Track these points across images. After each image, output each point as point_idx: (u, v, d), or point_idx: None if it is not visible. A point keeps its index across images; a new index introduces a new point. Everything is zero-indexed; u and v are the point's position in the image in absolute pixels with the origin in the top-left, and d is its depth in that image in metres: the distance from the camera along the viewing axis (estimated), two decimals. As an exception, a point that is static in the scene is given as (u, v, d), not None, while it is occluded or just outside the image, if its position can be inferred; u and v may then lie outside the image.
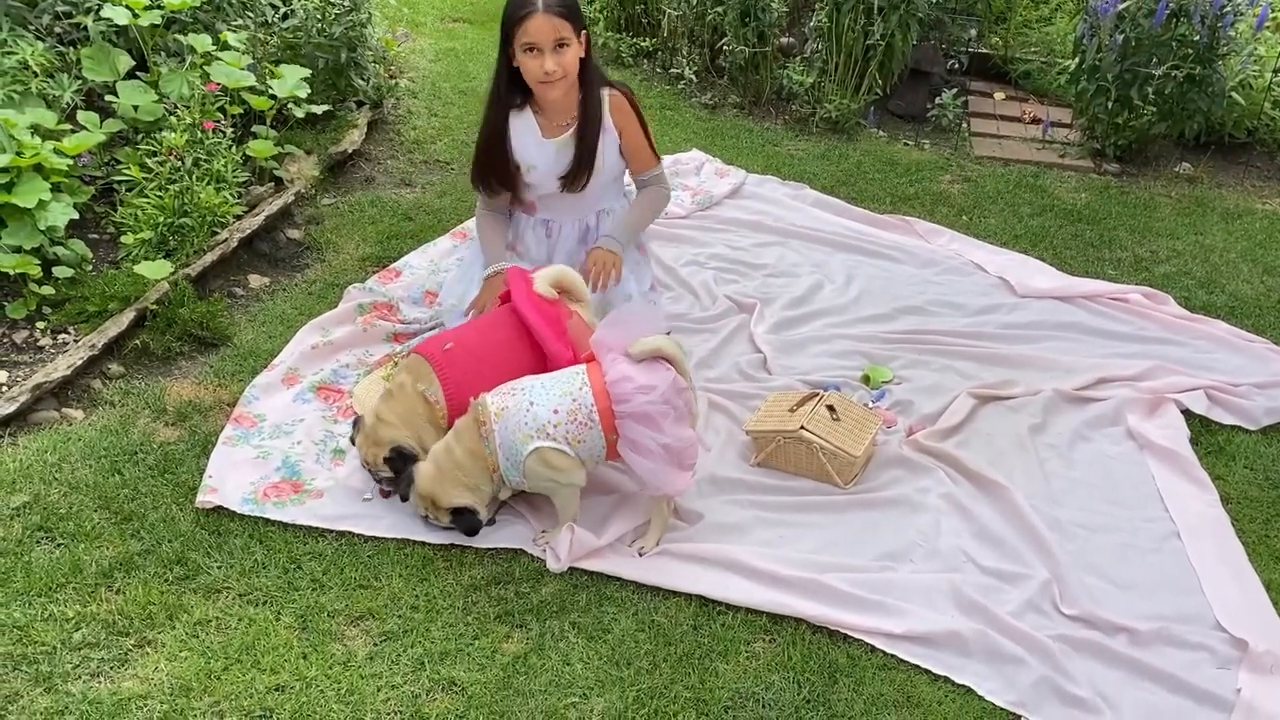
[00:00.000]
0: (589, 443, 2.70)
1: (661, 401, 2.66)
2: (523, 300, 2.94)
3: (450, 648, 2.46)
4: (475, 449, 2.70)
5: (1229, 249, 4.42)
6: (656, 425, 2.66)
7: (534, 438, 2.66)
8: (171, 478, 2.87)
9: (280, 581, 2.60)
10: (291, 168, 4.26)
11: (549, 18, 3.07)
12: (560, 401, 2.69)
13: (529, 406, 2.69)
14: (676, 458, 2.70)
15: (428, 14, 6.22)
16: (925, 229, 4.39)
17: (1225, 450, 3.27)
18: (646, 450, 2.67)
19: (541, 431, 2.67)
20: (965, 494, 3.00)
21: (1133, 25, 4.74)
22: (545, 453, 2.67)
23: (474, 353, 2.88)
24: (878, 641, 2.54)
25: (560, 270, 3.08)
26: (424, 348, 2.92)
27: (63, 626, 2.44)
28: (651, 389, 2.67)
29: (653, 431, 2.66)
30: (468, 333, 3.00)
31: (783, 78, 5.33)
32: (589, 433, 2.69)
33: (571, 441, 2.68)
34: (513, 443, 2.67)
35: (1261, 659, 2.52)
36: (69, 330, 3.34)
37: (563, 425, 2.67)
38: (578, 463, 2.72)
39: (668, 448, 2.67)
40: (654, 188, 3.48)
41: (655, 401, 2.66)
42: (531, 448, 2.66)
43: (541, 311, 2.93)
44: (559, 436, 2.67)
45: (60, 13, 4.17)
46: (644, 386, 2.67)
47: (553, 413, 2.68)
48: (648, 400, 2.65)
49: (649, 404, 2.65)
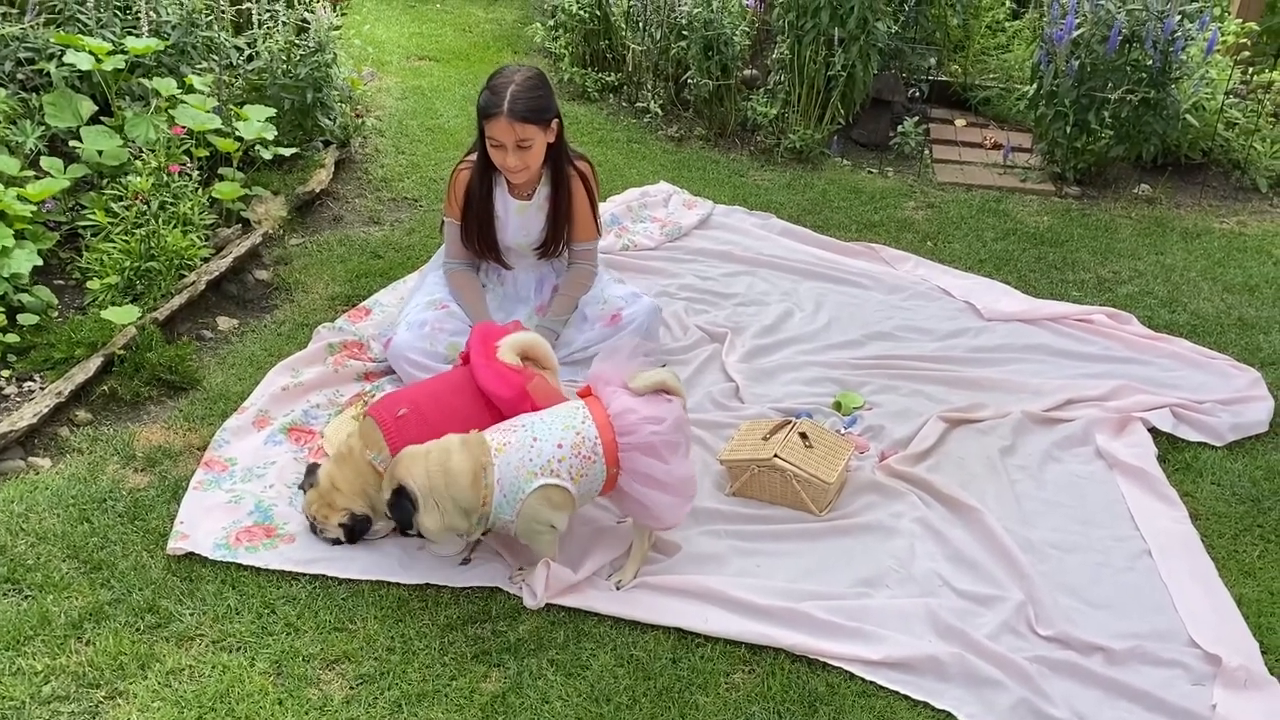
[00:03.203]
0: (591, 477, 2.68)
1: (671, 433, 2.68)
2: (482, 369, 2.89)
3: (428, 689, 2.44)
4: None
5: (1189, 268, 4.49)
6: (664, 457, 2.67)
7: (538, 475, 2.63)
8: (142, 524, 2.84)
9: (254, 627, 2.57)
10: (259, 209, 4.25)
11: (511, 123, 3.20)
12: (564, 436, 2.66)
13: (532, 442, 2.66)
14: (683, 489, 2.72)
15: (393, 53, 6.25)
16: (891, 255, 4.43)
17: (1192, 467, 3.31)
18: (656, 482, 2.67)
19: (546, 468, 2.63)
20: (938, 517, 3.02)
21: (1087, 51, 4.83)
22: (549, 490, 2.64)
23: (427, 420, 2.80)
24: (856, 669, 2.54)
25: (528, 338, 3.01)
26: (378, 409, 2.86)
27: (31, 680, 2.40)
28: (660, 420, 2.68)
29: (661, 463, 2.66)
30: (423, 398, 2.92)
31: (747, 109, 5.40)
32: (592, 466, 2.67)
33: (575, 476, 2.66)
34: (515, 479, 2.63)
35: (1235, 674, 2.55)
36: (35, 378, 3.30)
37: (567, 460, 2.65)
38: (572, 501, 2.69)
39: (675, 479, 2.68)
40: (583, 265, 3.60)
41: (664, 433, 2.67)
42: (537, 485, 2.63)
43: (501, 375, 2.87)
44: (563, 472, 2.64)
45: (22, 59, 4.16)
46: (651, 418, 2.68)
47: (556, 447, 2.65)
48: (655, 431, 2.66)
49: (657, 434, 2.66)
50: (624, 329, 3.50)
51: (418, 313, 3.43)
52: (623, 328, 3.51)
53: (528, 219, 3.48)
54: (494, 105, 3.19)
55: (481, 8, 7.23)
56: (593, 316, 3.54)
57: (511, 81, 3.20)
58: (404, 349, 3.34)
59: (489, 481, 2.61)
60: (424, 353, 3.33)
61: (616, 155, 5.20)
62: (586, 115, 5.60)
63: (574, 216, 3.50)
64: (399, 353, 3.35)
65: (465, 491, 2.60)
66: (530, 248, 3.52)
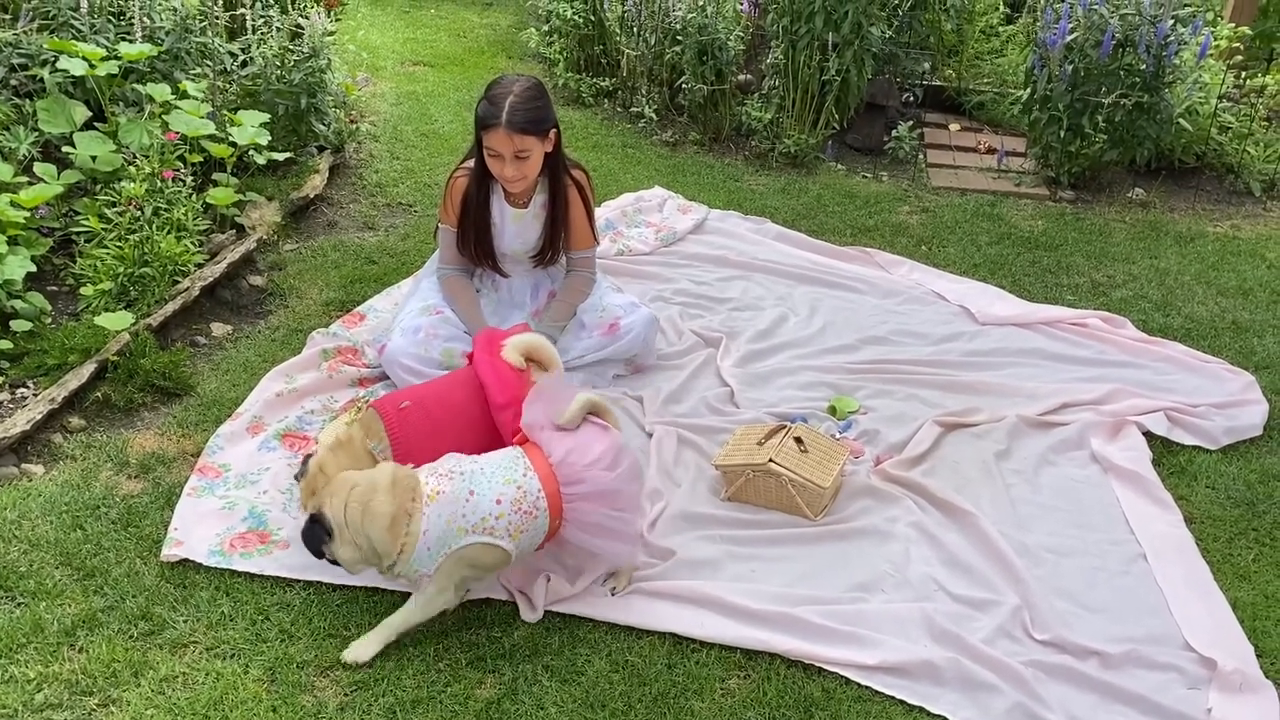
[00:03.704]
0: (531, 532, 2.54)
1: (610, 470, 2.55)
2: (484, 366, 2.91)
3: (422, 695, 2.43)
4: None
5: (1183, 272, 4.50)
6: (616, 500, 2.55)
7: (470, 533, 2.46)
8: (135, 531, 2.83)
9: (248, 634, 2.56)
10: (253, 214, 4.25)
11: (509, 134, 3.18)
12: (504, 490, 2.50)
13: (469, 496, 2.49)
14: (635, 531, 2.62)
15: (388, 58, 6.25)
16: (886, 260, 4.44)
17: (1187, 471, 3.31)
18: (606, 530, 2.55)
19: (481, 525, 2.47)
20: (934, 522, 3.02)
21: (1081, 56, 4.85)
22: (477, 549, 2.48)
23: (430, 414, 2.82)
24: (852, 674, 2.54)
25: (533, 339, 2.99)
26: (381, 404, 2.88)
27: (24, 688, 2.39)
28: (598, 461, 2.54)
29: (614, 509, 2.54)
30: (426, 394, 2.95)
31: (742, 114, 5.40)
32: (533, 522, 2.53)
33: (513, 533, 2.50)
34: (444, 533, 2.45)
35: (1230, 677, 2.55)
36: (28, 384, 3.29)
37: (505, 516, 2.49)
38: (508, 559, 2.54)
39: (626, 523, 2.58)
40: (581, 272, 3.59)
41: (606, 477, 2.54)
42: (467, 543, 2.47)
43: (501, 377, 2.88)
44: (500, 530, 2.49)
45: (15, 65, 4.16)
46: (597, 460, 2.54)
47: (495, 503, 2.49)
48: (599, 477, 2.54)
49: (600, 481, 2.54)
50: (621, 338, 3.51)
51: (412, 318, 3.43)
52: (620, 336, 3.51)
53: (524, 226, 3.48)
54: (492, 116, 3.18)
55: (476, 13, 7.23)
56: (590, 324, 3.54)
57: (510, 92, 3.19)
58: (398, 354, 3.34)
59: (411, 529, 2.45)
60: (418, 358, 3.32)
61: (611, 160, 5.20)
62: (581, 120, 5.61)
63: (571, 225, 3.50)
64: (393, 358, 3.35)
65: (381, 535, 2.43)
66: (527, 255, 3.52)
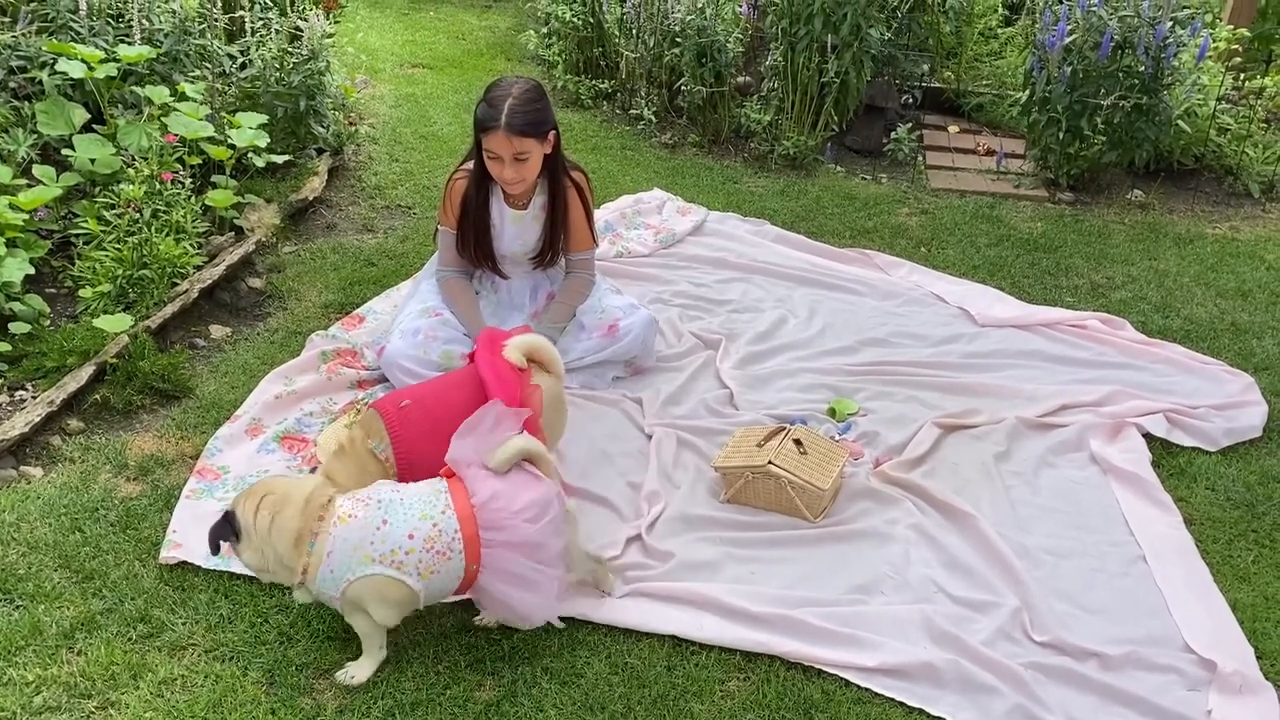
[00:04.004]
0: (444, 574, 2.40)
1: (536, 522, 2.41)
2: (485, 365, 2.91)
3: (421, 698, 2.43)
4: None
5: (1182, 273, 4.50)
6: (537, 553, 2.41)
7: (375, 562, 2.35)
8: (134, 534, 2.82)
9: (247, 636, 2.56)
10: (252, 216, 4.25)
11: (509, 137, 3.19)
12: (418, 525, 2.38)
13: (381, 524, 2.38)
14: (555, 587, 2.46)
15: (386, 60, 6.26)
16: (885, 261, 4.44)
17: (1186, 472, 3.31)
18: (525, 581, 2.41)
19: (388, 558, 2.35)
20: (933, 524, 3.02)
21: (1080, 58, 4.85)
22: (381, 582, 2.37)
23: (431, 413, 2.81)
24: (852, 676, 2.54)
25: (535, 340, 2.98)
26: (381, 403, 2.89)
27: (22, 691, 2.38)
28: (525, 510, 2.40)
29: (538, 562, 2.40)
30: (427, 392, 2.95)
31: (741, 116, 5.40)
32: (446, 564, 2.39)
33: (423, 573, 2.38)
34: (349, 558, 2.36)
35: (1230, 679, 2.54)
36: (26, 387, 3.29)
37: (416, 553, 2.36)
38: (415, 599, 2.42)
39: (548, 577, 2.43)
40: (581, 274, 3.60)
41: (531, 527, 2.39)
42: (371, 572, 2.36)
43: (501, 377, 2.87)
44: (409, 565, 2.36)
45: (14, 67, 4.15)
46: (523, 509, 2.40)
47: (407, 537, 2.37)
48: (523, 526, 2.40)
49: (524, 531, 2.40)
50: (621, 339, 3.51)
51: (411, 320, 3.43)
52: (619, 338, 3.51)
53: (524, 228, 3.48)
54: (491, 119, 3.18)
55: (475, 15, 7.23)
56: (590, 326, 3.54)
57: (509, 95, 3.19)
58: (397, 357, 3.33)
59: (316, 550, 2.36)
60: (417, 360, 3.32)
61: (610, 162, 5.20)
62: (580, 122, 5.61)
63: (570, 227, 3.50)
64: (392, 360, 3.35)
65: (285, 550, 2.37)
66: (526, 257, 3.52)
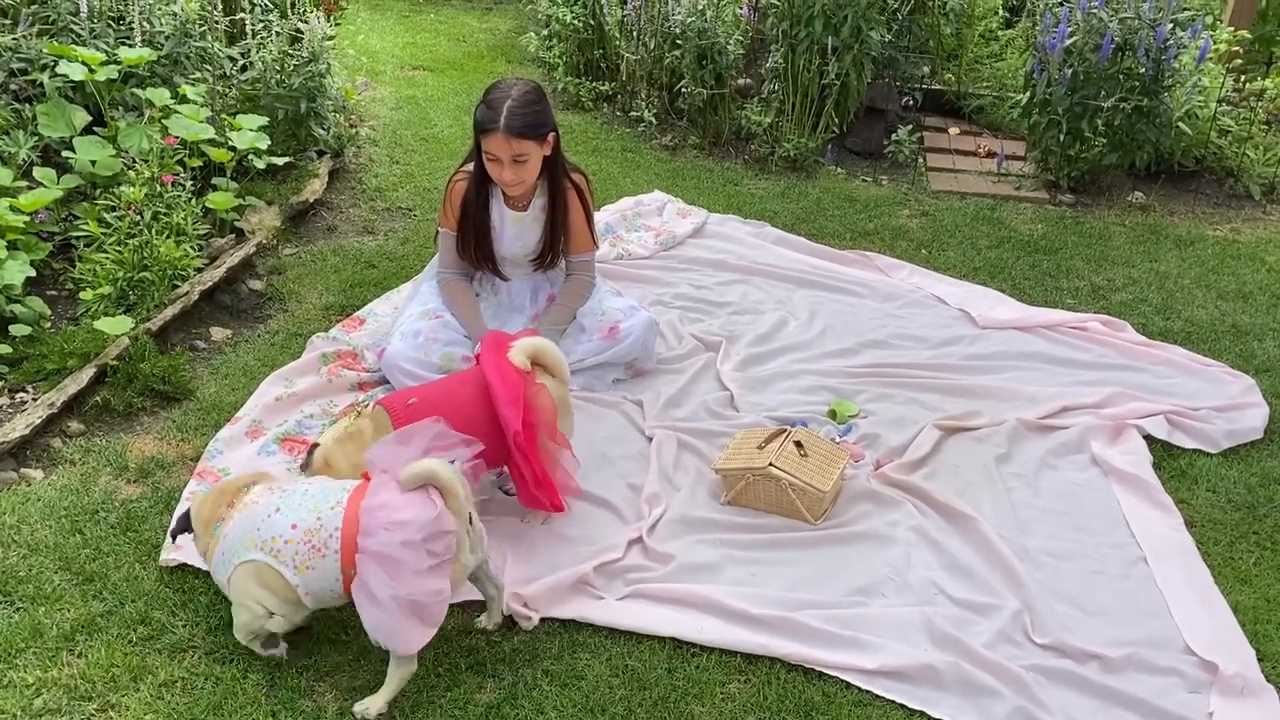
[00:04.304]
0: (319, 572, 2.32)
1: (407, 544, 2.24)
2: (490, 367, 2.92)
3: (422, 700, 2.43)
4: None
5: (1183, 275, 4.50)
6: (395, 572, 2.25)
7: (255, 549, 2.32)
8: (134, 536, 2.82)
9: (247, 638, 2.56)
10: (252, 219, 4.25)
11: (508, 139, 3.19)
12: (304, 518, 2.33)
13: (274, 512, 2.35)
14: (415, 612, 2.27)
15: (387, 63, 6.26)
16: (886, 263, 4.44)
17: (1188, 474, 3.31)
18: (374, 600, 2.26)
19: (268, 545, 2.32)
20: (934, 526, 3.01)
21: (1080, 60, 4.85)
22: (262, 569, 2.33)
23: (437, 411, 2.77)
24: (852, 678, 2.53)
25: (540, 343, 2.98)
26: (388, 400, 2.91)
27: (22, 693, 2.38)
28: (402, 526, 2.25)
29: (389, 578, 2.24)
30: (433, 391, 2.96)
31: (741, 118, 5.40)
32: (320, 561, 2.31)
33: (300, 566, 2.31)
34: (236, 543, 2.35)
35: (1232, 681, 2.54)
36: (27, 389, 3.29)
37: (295, 544, 2.31)
38: (294, 594, 2.34)
39: (399, 600, 2.24)
40: (581, 276, 3.60)
41: (398, 543, 2.24)
42: (251, 557, 2.33)
43: (506, 378, 2.87)
44: (286, 556, 2.31)
45: (15, 69, 4.16)
46: (395, 523, 2.26)
47: (291, 527, 2.32)
48: (391, 539, 2.25)
49: (390, 544, 2.24)
50: (621, 342, 3.51)
51: (412, 323, 3.43)
52: (620, 340, 3.51)
53: (524, 230, 3.48)
54: (490, 121, 3.19)
55: (475, 17, 7.24)
56: (590, 328, 3.54)
57: (508, 96, 3.19)
58: (397, 359, 3.33)
59: (218, 534, 2.39)
60: (418, 362, 3.32)
61: (611, 164, 5.20)
62: (581, 124, 5.61)
63: (570, 228, 3.50)
64: (392, 362, 3.35)
65: (201, 537, 2.45)
66: (527, 258, 3.52)
